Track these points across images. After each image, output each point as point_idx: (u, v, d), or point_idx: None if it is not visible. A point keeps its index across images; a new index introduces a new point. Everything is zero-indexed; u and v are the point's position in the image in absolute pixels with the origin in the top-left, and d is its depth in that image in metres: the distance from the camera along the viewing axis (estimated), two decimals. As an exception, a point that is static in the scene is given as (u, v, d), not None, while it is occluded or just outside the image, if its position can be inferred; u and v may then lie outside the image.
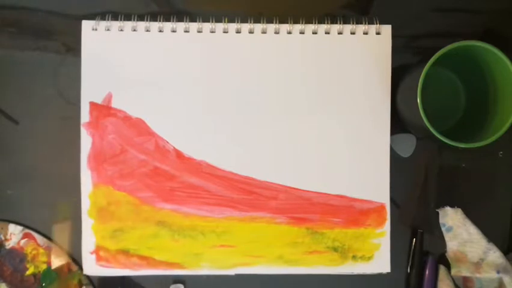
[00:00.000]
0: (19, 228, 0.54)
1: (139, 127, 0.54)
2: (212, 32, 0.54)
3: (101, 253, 0.54)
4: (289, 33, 0.54)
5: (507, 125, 0.46)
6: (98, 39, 0.54)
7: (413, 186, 0.55)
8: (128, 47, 0.54)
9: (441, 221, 0.55)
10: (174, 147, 0.54)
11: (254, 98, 0.54)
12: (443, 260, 0.55)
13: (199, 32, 0.54)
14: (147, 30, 0.54)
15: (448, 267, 0.55)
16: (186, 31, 0.54)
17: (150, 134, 0.54)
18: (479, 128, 0.50)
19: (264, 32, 0.54)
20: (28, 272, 0.54)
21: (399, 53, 0.55)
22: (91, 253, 0.54)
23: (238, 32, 0.54)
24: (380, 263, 0.55)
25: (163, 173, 0.54)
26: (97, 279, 0.55)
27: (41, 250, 0.54)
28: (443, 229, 0.55)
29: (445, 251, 0.55)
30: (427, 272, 0.54)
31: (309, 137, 0.54)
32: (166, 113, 0.54)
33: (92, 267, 0.54)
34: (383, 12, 0.55)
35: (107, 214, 0.54)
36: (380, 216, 0.55)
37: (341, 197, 0.55)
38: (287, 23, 0.54)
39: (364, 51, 0.54)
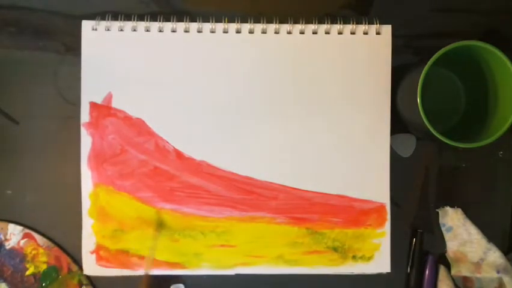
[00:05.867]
0: (19, 228, 0.54)
1: (139, 127, 0.54)
2: (212, 32, 0.54)
3: (102, 253, 0.54)
4: (289, 33, 0.54)
5: (507, 125, 0.46)
6: (98, 39, 0.54)
7: (413, 186, 0.56)
8: (128, 47, 0.54)
9: (441, 221, 0.55)
10: (174, 147, 0.54)
11: (254, 98, 0.54)
12: (443, 260, 0.55)
13: (199, 32, 0.54)
14: (147, 30, 0.54)
15: (448, 267, 0.55)
16: (186, 31, 0.54)
17: (150, 134, 0.54)
18: (479, 128, 0.50)
19: (264, 32, 0.54)
20: (28, 272, 0.54)
21: (399, 53, 0.55)
22: (91, 253, 0.54)
23: (238, 32, 0.54)
24: (380, 263, 0.55)
25: (163, 173, 0.54)
26: (97, 279, 0.55)
27: (41, 250, 0.54)
28: (443, 229, 0.55)
29: (445, 251, 0.55)
30: (427, 272, 0.54)
31: (309, 137, 0.54)
32: (166, 113, 0.54)
33: (92, 267, 0.54)
34: (383, 12, 0.55)
35: (108, 214, 0.54)
36: (380, 216, 0.55)
37: (341, 197, 0.55)
38: (287, 23, 0.54)
39: (364, 51, 0.54)
